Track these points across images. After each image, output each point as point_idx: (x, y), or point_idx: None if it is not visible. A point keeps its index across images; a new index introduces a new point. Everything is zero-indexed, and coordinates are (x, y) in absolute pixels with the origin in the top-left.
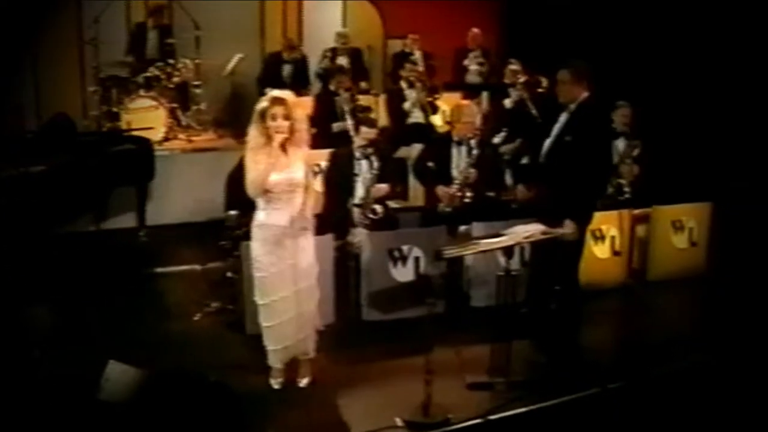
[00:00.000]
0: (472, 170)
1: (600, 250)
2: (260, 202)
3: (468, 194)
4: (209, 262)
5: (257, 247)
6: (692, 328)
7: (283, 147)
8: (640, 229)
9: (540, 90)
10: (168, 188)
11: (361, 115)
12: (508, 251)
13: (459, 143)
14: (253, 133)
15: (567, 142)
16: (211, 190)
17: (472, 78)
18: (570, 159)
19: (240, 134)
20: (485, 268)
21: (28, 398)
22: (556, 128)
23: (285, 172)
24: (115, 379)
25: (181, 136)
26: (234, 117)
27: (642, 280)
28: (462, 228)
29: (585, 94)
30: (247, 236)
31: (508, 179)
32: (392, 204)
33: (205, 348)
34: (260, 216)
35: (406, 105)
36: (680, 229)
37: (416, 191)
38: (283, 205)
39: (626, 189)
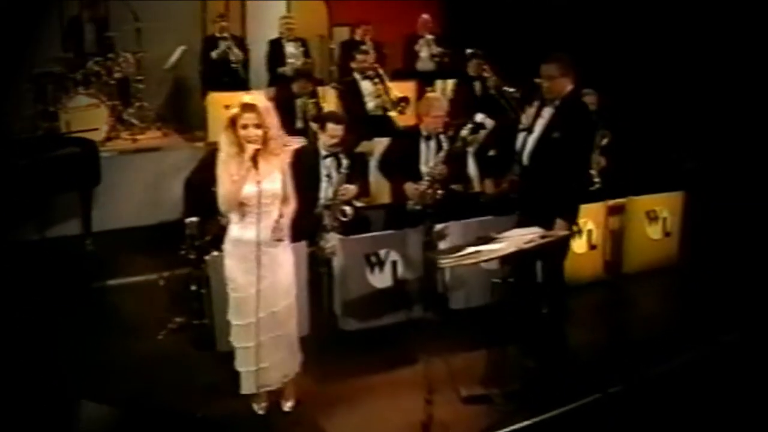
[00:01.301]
0: (443, 166)
1: (577, 245)
2: (234, 217)
3: (439, 191)
4: (168, 271)
5: (232, 266)
6: (682, 321)
7: (255, 156)
8: (613, 221)
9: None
10: (113, 191)
11: (326, 111)
12: (507, 258)
13: (428, 138)
14: (224, 142)
15: (555, 138)
16: (159, 192)
17: (423, 65)
18: (560, 155)
19: (185, 131)
20: (463, 268)
21: None
22: (539, 125)
23: (260, 183)
24: (88, 420)
25: (124, 135)
26: (179, 113)
27: (617, 272)
28: (438, 227)
29: (569, 88)
30: (213, 245)
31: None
32: (356, 203)
33: (175, 370)
34: (234, 231)
35: (371, 105)
36: (654, 220)
37: (379, 188)
38: (260, 219)
39: (596, 179)
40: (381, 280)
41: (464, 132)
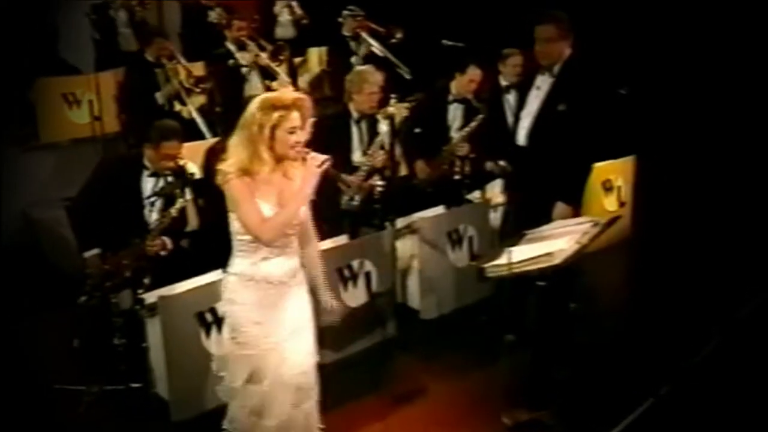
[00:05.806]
0: (381, 151)
1: None
2: (244, 250)
3: (379, 182)
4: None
5: (241, 314)
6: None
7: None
8: None
9: (393, 41)
10: None
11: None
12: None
13: (359, 120)
14: (258, 157)
15: (561, 111)
16: None
17: (283, 31)
18: (570, 130)
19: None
20: (434, 272)
21: None
22: (535, 98)
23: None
24: None
25: None
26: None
27: None
28: (401, 222)
29: (568, 52)
30: (134, 283)
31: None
32: None
33: None
34: (244, 267)
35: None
36: (610, 190)
37: None
38: (279, 250)
39: None
40: (355, 297)
41: (391, 108)
